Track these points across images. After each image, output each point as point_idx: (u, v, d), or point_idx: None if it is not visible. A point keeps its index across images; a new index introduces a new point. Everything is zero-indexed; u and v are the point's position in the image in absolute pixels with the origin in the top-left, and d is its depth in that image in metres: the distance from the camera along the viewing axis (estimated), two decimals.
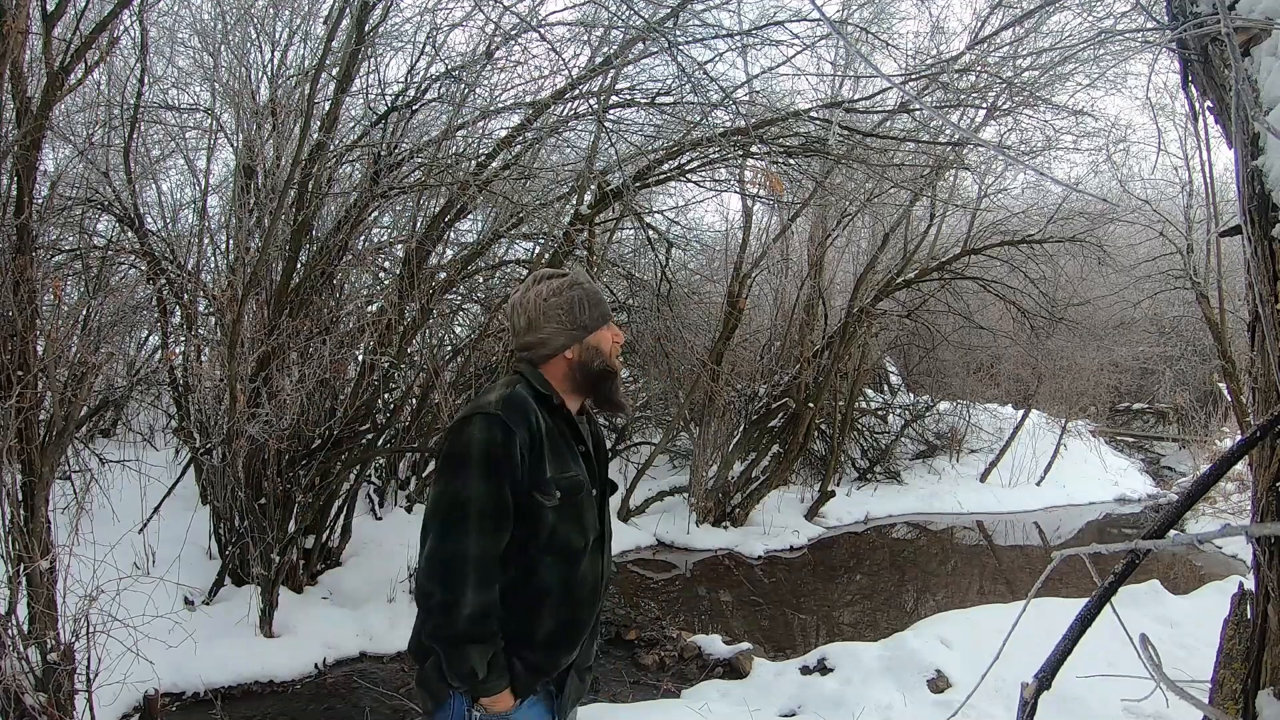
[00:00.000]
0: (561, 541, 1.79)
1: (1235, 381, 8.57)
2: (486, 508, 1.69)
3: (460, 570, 1.67)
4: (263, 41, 6.28)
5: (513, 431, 1.72)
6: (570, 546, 1.81)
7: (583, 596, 1.85)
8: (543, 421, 1.80)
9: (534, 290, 1.92)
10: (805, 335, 9.82)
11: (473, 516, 1.69)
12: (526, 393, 1.83)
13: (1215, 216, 7.52)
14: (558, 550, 1.79)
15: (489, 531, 1.70)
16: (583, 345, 1.90)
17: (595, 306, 1.92)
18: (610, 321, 1.95)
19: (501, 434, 1.72)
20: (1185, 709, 1.35)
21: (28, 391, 3.46)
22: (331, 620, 5.58)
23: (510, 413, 1.75)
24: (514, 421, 1.74)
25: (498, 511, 1.71)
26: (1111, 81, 6.62)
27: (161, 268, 6.32)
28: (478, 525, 1.69)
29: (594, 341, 1.91)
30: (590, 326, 1.91)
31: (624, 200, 6.24)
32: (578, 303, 1.90)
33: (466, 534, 1.68)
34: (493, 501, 1.70)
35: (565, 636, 1.83)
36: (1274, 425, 1.38)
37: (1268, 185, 1.41)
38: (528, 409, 1.79)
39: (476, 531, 1.68)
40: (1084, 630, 1.30)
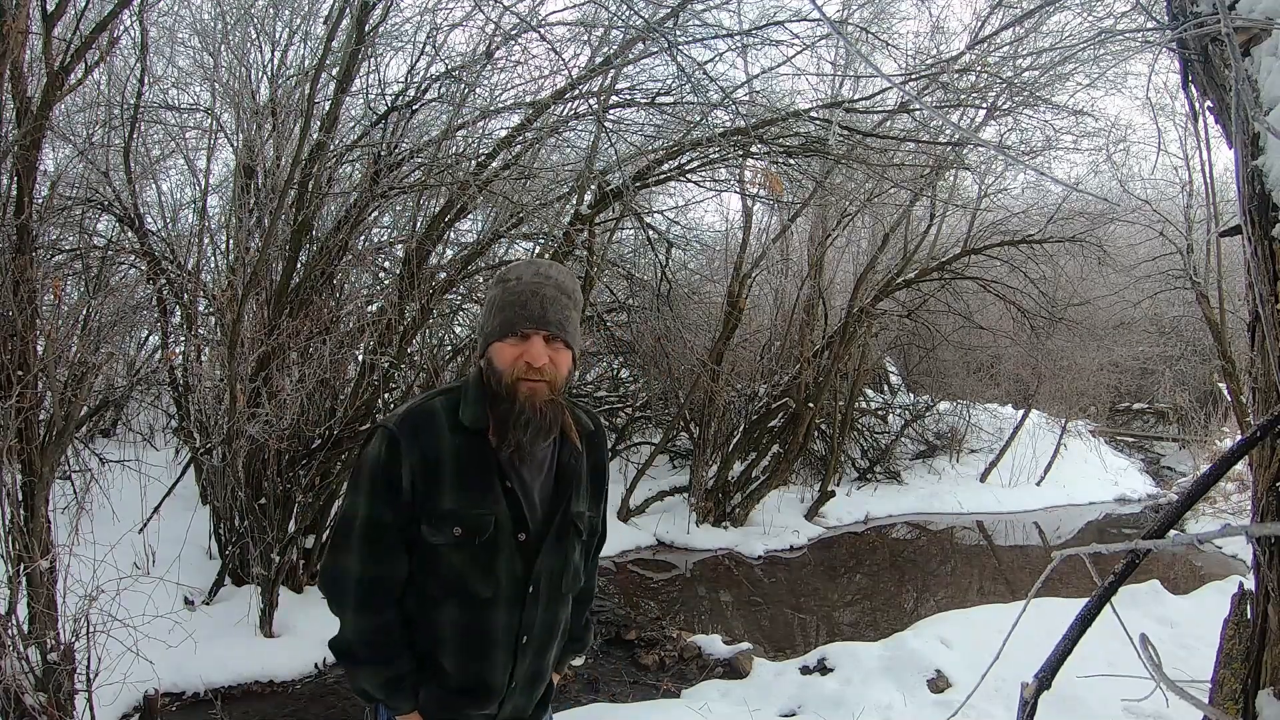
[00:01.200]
0: (460, 586, 1.58)
1: (1235, 381, 8.57)
2: (369, 529, 1.56)
3: (343, 589, 1.58)
4: (263, 41, 6.29)
5: (398, 453, 1.54)
6: (472, 594, 1.58)
7: (490, 650, 1.61)
8: (450, 443, 1.57)
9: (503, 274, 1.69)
10: (805, 335, 9.82)
11: (356, 535, 1.56)
12: (444, 407, 1.59)
13: (1215, 216, 7.52)
14: (457, 593, 1.59)
15: (372, 554, 1.56)
16: (485, 356, 1.61)
17: (500, 311, 1.58)
18: (515, 334, 1.57)
19: (388, 453, 1.54)
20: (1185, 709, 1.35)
21: (28, 391, 3.47)
22: (331, 620, 5.51)
23: (405, 429, 1.55)
24: (408, 439, 1.54)
25: (381, 534, 1.56)
26: (1111, 81, 6.63)
27: (161, 268, 6.33)
28: (360, 545, 1.56)
29: (490, 354, 1.59)
30: (490, 334, 1.60)
31: (624, 200, 6.24)
32: (491, 303, 1.62)
33: (350, 552, 1.57)
34: (375, 523, 1.56)
35: (472, 686, 1.62)
36: (1274, 425, 1.38)
37: (1268, 185, 1.41)
38: (431, 426, 1.56)
39: (359, 552, 1.56)
40: (1084, 630, 1.30)
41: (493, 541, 1.58)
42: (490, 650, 1.62)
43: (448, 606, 1.60)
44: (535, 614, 1.65)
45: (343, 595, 1.59)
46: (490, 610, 1.60)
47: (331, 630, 1.71)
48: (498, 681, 1.64)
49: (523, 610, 1.63)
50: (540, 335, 1.57)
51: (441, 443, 1.56)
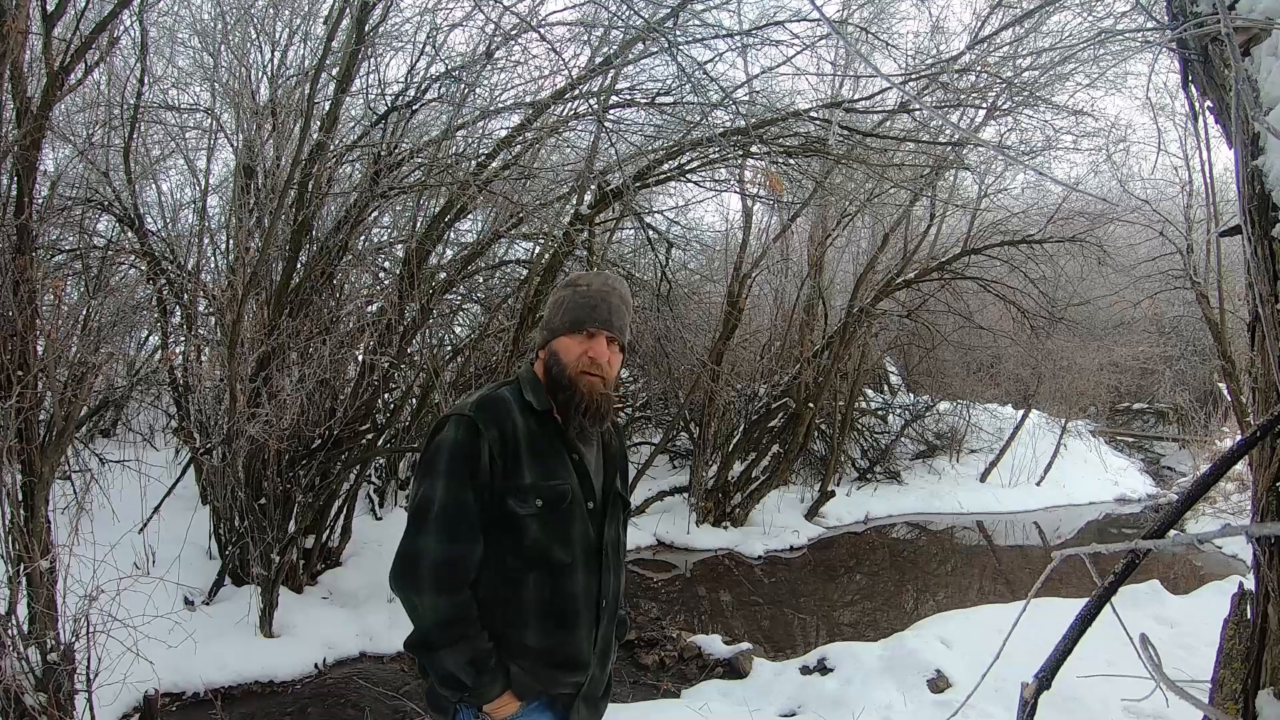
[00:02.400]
0: (543, 554, 1.68)
1: (1235, 381, 8.57)
2: (448, 509, 1.62)
3: (418, 571, 1.61)
4: (263, 41, 6.29)
5: (480, 432, 1.64)
6: (553, 560, 1.69)
7: (574, 616, 1.71)
8: (523, 424, 1.70)
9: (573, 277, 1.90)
10: (805, 335, 9.82)
11: (435, 516, 1.62)
12: (511, 394, 1.74)
13: (1215, 216, 7.51)
14: (539, 564, 1.68)
15: (449, 535, 1.62)
16: (549, 349, 1.81)
17: (570, 310, 1.79)
18: (582, 333, 1.77)
19: (467, 434, 1.64)
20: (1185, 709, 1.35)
21: (28, 391, 3.46)
22: (331, 620, 5.57)
23: (482, 413, 1.67)
24: (484, 422, 1.66)
25: (459, 514, 1.63)
26: (1111, 81, 6.63)
27: (161, 268, 6.33)
28: (437, 526, 1.61)
29: (556, 346, 1.79)
30: (556, 329, 1.80)
31: (624, 200, 6.24)
32: (561, 303, 1.82)
33: (427, 534, 1.62)
34: (455, 502, 1.62)
35: (561, 657, 1.71)
36: (1274, 425, 1.38)
37: (1268, 185, 1.41)
38: (504, 409, 1.70)
39: (436, 532, 1.61)
40: (1084, 630, 1.30)
41: (569, 510, 1.71)
42: (575, 616, 1.71)
43: (531, 578, 1.68)
44: (609, 579, 1.80)
45: (418, 577, 1.61)
46: (570, 576, 1.71)
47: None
48: (584, 647, 1.73)
49: (600, 574, 1.77)
50: (604, 335, 1.79)
51: (515, 423, 1.69)
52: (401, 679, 5.22)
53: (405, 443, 7.21)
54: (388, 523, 7.47)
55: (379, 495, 7.95)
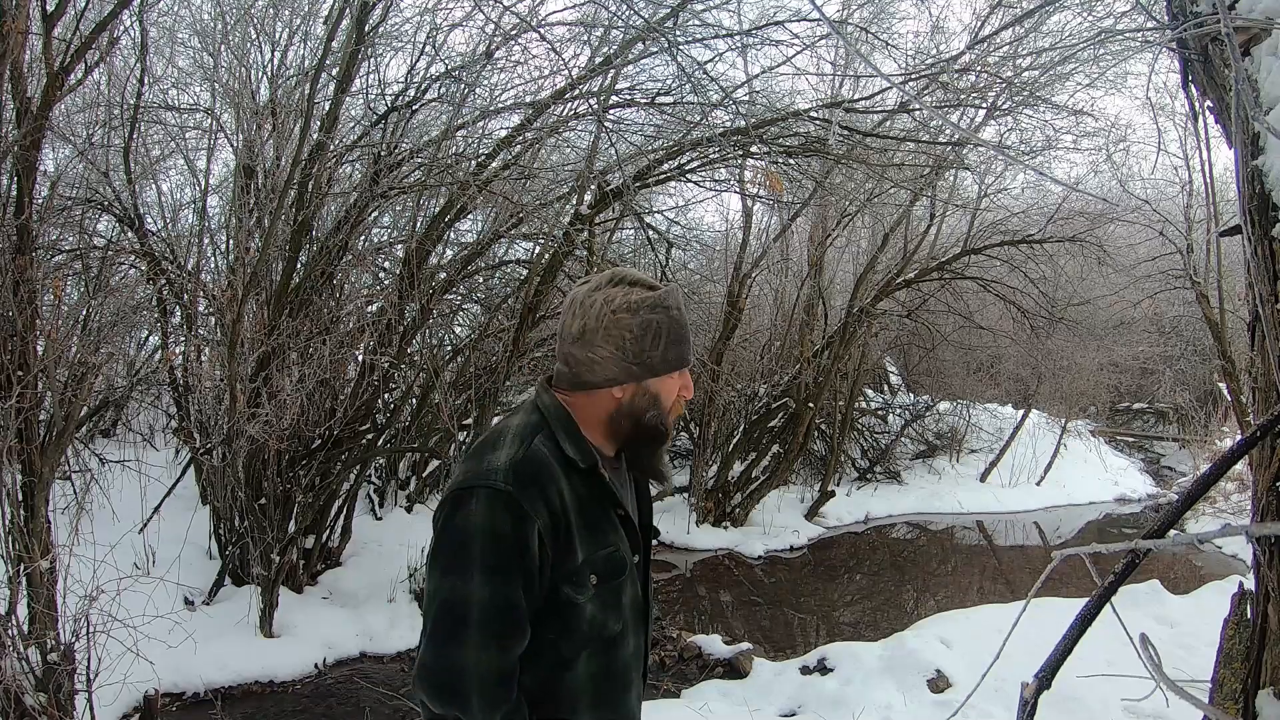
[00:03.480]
0: (598, 631, 1.43)
1: (1235, 381, 8.57)
2: (491, 614, 1.31)
3: (462, 689, 1.31)
4: (263, 41, 6.28)
5: (526, 515, 1.31)
6: (608, 634, 1.45)
7: (626, 682, 1.50)
8: (569, 491, 1.38)
9: (605, 292, 1.42)
10: (805, 335, 9.82)
11: (474, 625, 1.30)
12: (548, 450, 1.39)
13: (1215, 216, 7.51)
14: (595, 643, 1.43)
15: (497, 644, 1.32)
16: (640, 387, 1.43)
17: (675, 345, 1.43)
18: (686, 369, 1.48)
19: (512, 520, 1.31)
20: (1185, 709, 1.35)
21: (28, 391, 3.47)
22: (331, 620, 5.58)
23: (523, 488, 1.32)
24: (529, 499, 1.32)
25: (505, 616, 1.32)
26: (1111, 81, 6.63)
27: (161, 268, 6.33)
28: (480, 635, 1.30)
29: (655, 388, 1.44)
30: (657, 368, 1.43)
31: (624, 200, 6.24)
32: (654, 330, 1.41)
33: (466, 645, 1.30)
34: (500, 605, 1.31)
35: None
36: (1274, 425, 1.38)
37: (1268, 185, 1.41)
38: (548, 477, 1.36)
39: (479, 644, 1.30)
40: (1084, 630, 1.30)
41: (622, 578, 1.47)
42: (628, 684, 1.51)
43: (582, 661, 1.43)
44: (650, 625, 1.59)
45: (464, 696, 1.31)
46: (620, 646, 1.48)
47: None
48: (634, 709, 1.54)
49: (646, 631, 1.56)
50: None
51: (561, 489, 1.37)
52: (401, 679, 5.22)
53: (405, 443, 7.22)
54: (388, 523, 7.48)
55: (379, 495, 7.96)
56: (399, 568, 6.15)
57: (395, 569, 6.16)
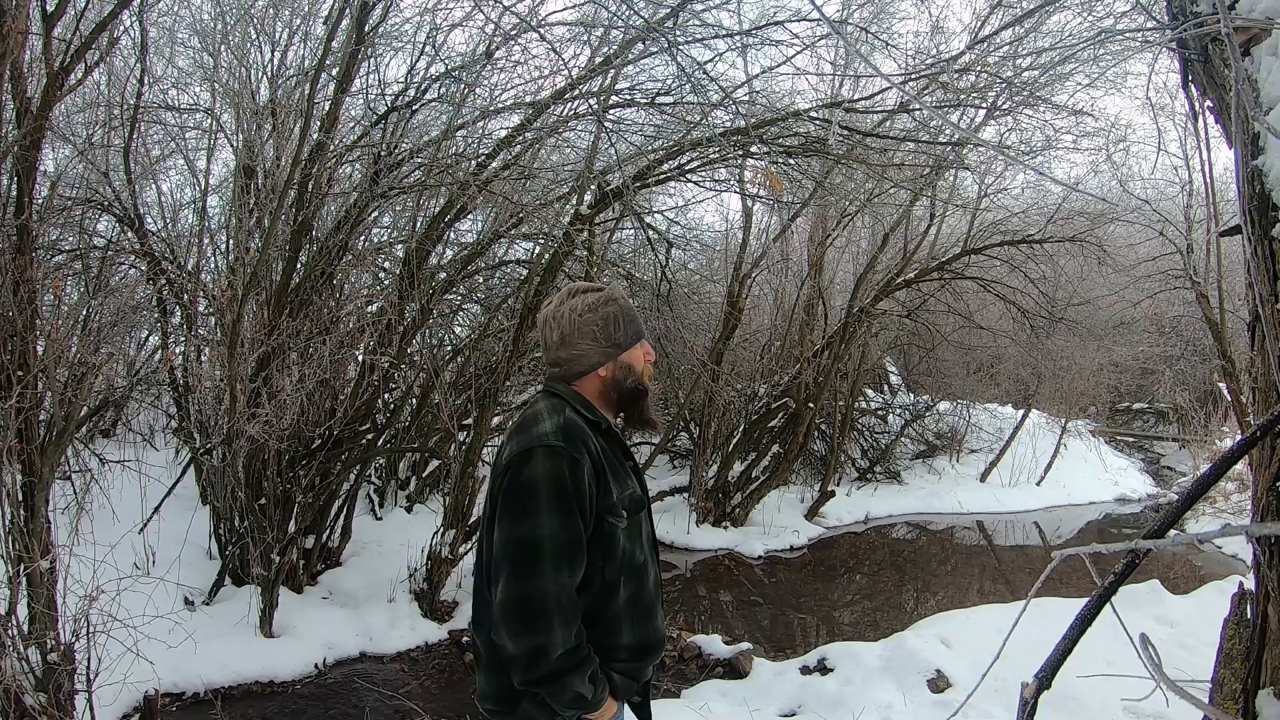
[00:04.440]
0: (630, 559, 1.79)
1: (1235, 381, 8.57)
2: (561, 544, 1.63)
3: (543, 611, 1.61)
4: (263, 41, 6.29)
5: (578, 461, 1.68)
6: (636, 562, 1.81)
7: (653, 607, 1.86)
8: (597, 447, 1.77)
9: (568, 304, 1.88)
10: (805, 335, 9.82)
11: (548, 555, 1.62)
12: (578, 418, 1.78)
13: (1215, 216, 7.52)
14: (627, 569, 1.79)
15: (566, 568, 1.65)
16: (616, 363, 1.88)
17: (630, 324, 1.89)
18: (643, 339, 1.93)
19: (568, 465, 1.67)
20: (1185, 709, 1.35)
21: (28, 391, 3.46)
22: (331, 620, 5.58)
23: (572, 443, 1.70)
24: (577, 451, 1.69)
25: (572, 546, 1.66)
26: (1111, 81, 6.62)
27: (161, 268, 6.33)
28: (554, 563, 1.63)
29: (627, 359, 1.89)
30: (624, 344, 1.88)
31: (624, 200, 6.24)
32: (613, 319, 1.87)
33: (543, 573, 1.62)
34: (567, 536, 1.64)
35: (648, 646, 1.85)
36: (1274, 425, 1.38)
37: (1268, 185, 1.41)
38: (585, 436, 1.75)
39: (553, 569, 1.63)
40: (1084, 630, 1.30)
41: (643, 514, 1.87)
42: (654, 607, 1.87)
43: (621, 584, 1.77)
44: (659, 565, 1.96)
45: (543, 618, 1.61)
46: (646, 573, 1.85)
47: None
48: (663, 632, 1.90)
49: (659, 564, 1.94)
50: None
51: (595, 445, 1.76)
52: (402, 679, 5.22)
53: (405, 443, 7.22)
54: (388, 523, 7.48)
55: (379, 495, 7.96)
56: (399, 568, 6.15)
57: (395, 569, 6.16)
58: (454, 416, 6.54)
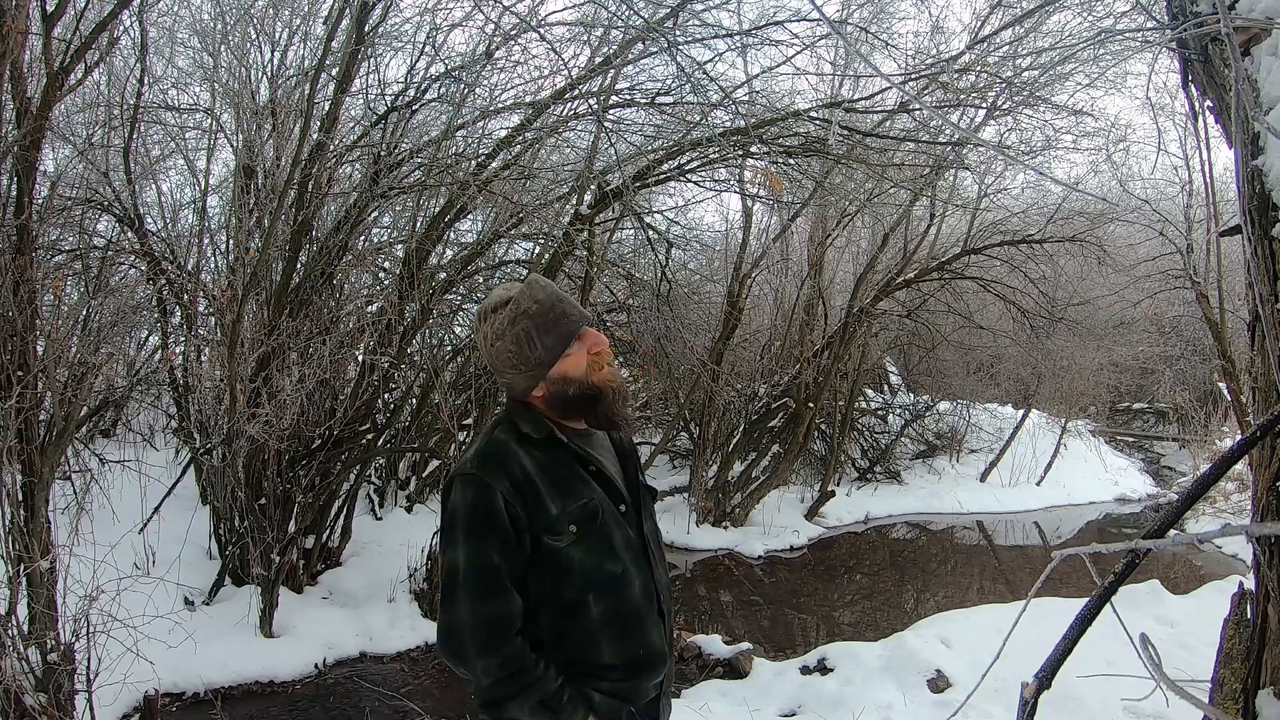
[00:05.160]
0: (595, 573, 1.66)
1: (1235, 381, 8.57)
2: (473, 571, 1.59)
3: (461, 640, 1.59)
4: (263, 41, 6.29)
5: (490, 485, 1.59)
6: (605, 574, 1.67)
7: (639, 619, 1.71)
8: (530, 460, 1.65)
9: (480, 333, 1.72)
10: (805, 335, 9.82)
11: (461, 584, 1.59)
12: (507, 435, 1.68)
13: (1215, 216, 7.51)
14: (595, 583, 1.66)
15: (481, 596, 1.59)
16: (547, 380, 1.69)
17: (549, 333, 1.67)
18: (575, 338, 1.69)
19: (478, 493, 1.60)
20: (1185, 709, 1.35)
21: (28, 391, 3.46)
22: (331, 620, 5.58)
23: (485, 467, 1.62)
24: (492, 474, 1.61)
25: (485, 573, 1.59)
26: (1111, 81, 6.62)
27: (161, 268, 6.33)
28: (467, 591, 1.58)
29: (558, 373, 1.68)
30: (548, 360, 1.67)
31: (624, 200, 6.24)
32: (525, 338, 1.66)
33: (458, 602, 1.59)
34: (480, 563, 1.59)
35: (638, 665, 1.70)
36: (1274, 425, 1.38)
37: (1268, 185, 1.41)
38: (505, 454, 1.64)
39: (467, 598, 1.58)
40: (1084, 630, 1.30)
41: (604, 523, 1.68)
42: (643, 619, 1.71)
43: (590, 601, 1.65)
44: (660, 572, 1.79)
45: (462, 646, 1.59)
46: (624, 584, 1.69)
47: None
48: (657, 645, 1.73)
49: (651, 570, 1.76)
50: (587, 327, 1.72)
51: (520, 463, 1.64)
52: (402, 679, 5.22)
53: (405, 443, 7.22)
54: (388, 523, 7.48)
55: (379, 495, 7.96)
56: (399, 568, 6.15)
57: (395, 569, 6.16)
58: (454, 416, 6.54)
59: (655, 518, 1.90)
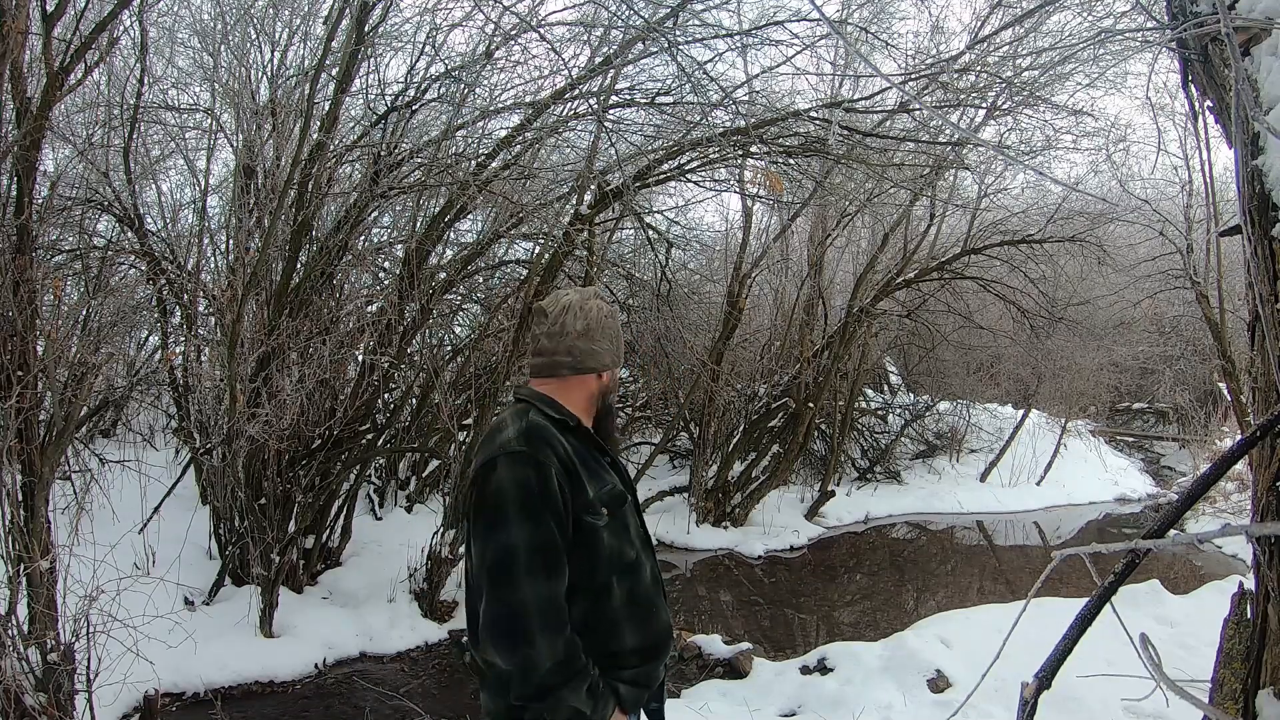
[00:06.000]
0: (618, 558, 1.72)
1: (1235, 381, 8.57)
2: (536, 550, 1.57)
3: (525, 623, 1.55)
4: (263, 41, 6.29)
5: (544, 463, 1.62)
6: (626, 559, 1.74)
7: (653, 602, 1.79)
8: (567, 445, 1.71)
9: (594, 303, 1.87)
10: (805, 335, 9.82)
11: (523, 564, 1.56)
12: (542, 420, 1.73)
13: (1215, 216, 7.52)
14: (617, 568, 1.72)
15: (545, 574, 1.58)
16: (614, 371, 1.90)
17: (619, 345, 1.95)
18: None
19: (534, 469, 1.61)
20: (1185, 709, 1.35)
21: (28, 391, 3.46)
22: (331, 620, 5.58)
23: (535, 446, 1.64)
24: (542, 453, 1.63)
25: (548, 551, 1.59)
26: (1111, 81, 6.62)
27: (161, 268, 6.33)
28: (530, 571, 1.56)
29: (616, 373, 1.94)
30: (620, 359, 1.94)
31: (624, 200, 6.24)
32: (609, 332, 1.89)
33: (520, 584, 1.56)
34: (541, 542, 1.58)
35: (654, 647, 1.77)
36: (1274, 425, 1.38)
37: (1268, 185, 1.41)
38: (551, 436, 1.68)
39: (530, 578, 1.56)
40: (1084, 630, 1.30)
41: (625, 509, 1.80)
42: (655, 600, 1.80)
43: (614, 585, 1.71)
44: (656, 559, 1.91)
45: (524, 629, 1.55)
46: (640, 568, 1.78)
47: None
48: (670, 625, 1.84)
49: (654, 557, 1.88)
50: None
51: (563, 445, 1.70)
52: (402, 679, 5.22)
53: (405, 443, 7.22)
54: (388, 523, 7.48)
55: (379, 495, 7.95)
56: (399, 568, 6.15)
57: (395, 569, 6.16)
58: (454, 416, 6.54)
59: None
